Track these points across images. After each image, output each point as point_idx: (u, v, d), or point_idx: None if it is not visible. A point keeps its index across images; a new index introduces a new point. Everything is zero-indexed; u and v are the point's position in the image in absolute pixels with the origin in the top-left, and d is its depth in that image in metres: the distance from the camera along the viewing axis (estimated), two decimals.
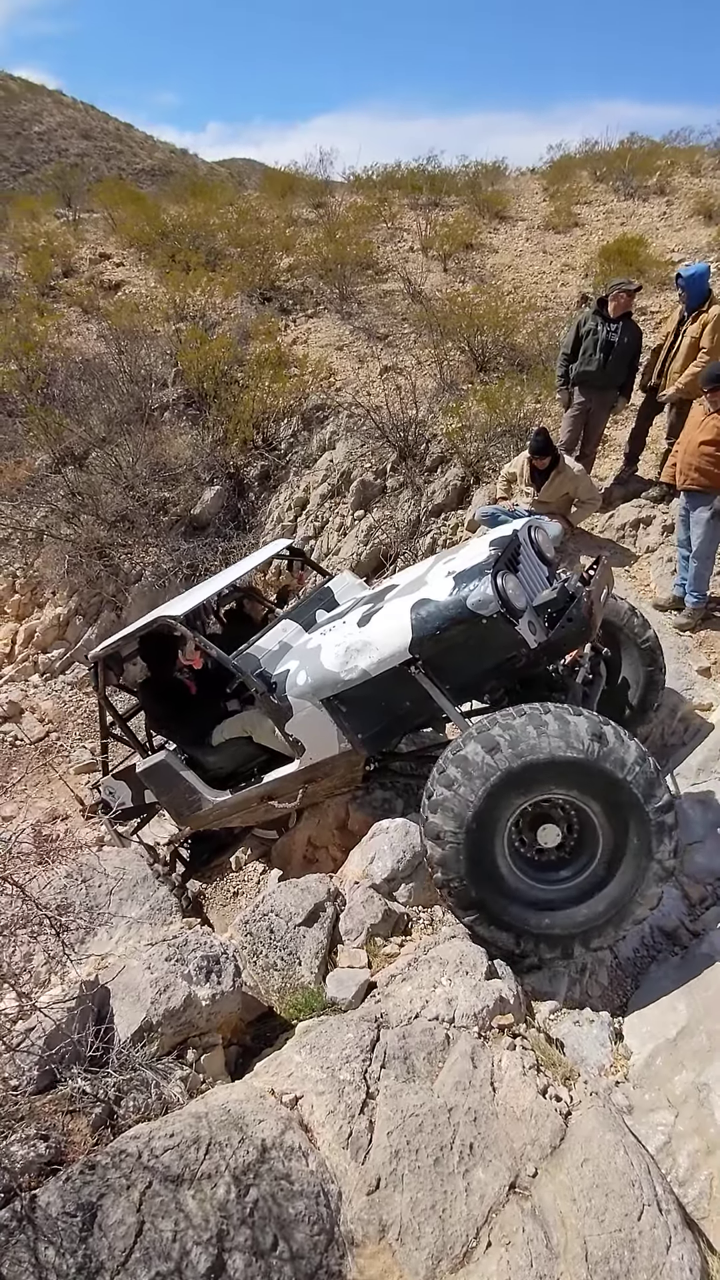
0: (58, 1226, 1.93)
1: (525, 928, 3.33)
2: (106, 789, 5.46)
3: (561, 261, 10.13)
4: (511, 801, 3.21)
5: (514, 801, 3.21)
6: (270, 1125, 2.34)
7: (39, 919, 2.25)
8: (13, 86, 45.79)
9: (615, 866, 3.26)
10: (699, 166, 11.86)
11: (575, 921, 3.32)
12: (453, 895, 3.32)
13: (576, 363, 6.02)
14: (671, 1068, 3.08)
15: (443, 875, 3.29)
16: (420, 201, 12.11)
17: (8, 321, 9.96)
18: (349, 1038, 2.70)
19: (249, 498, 8.33)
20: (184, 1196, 2.08)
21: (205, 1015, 2.82)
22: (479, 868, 3.24)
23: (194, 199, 13.45)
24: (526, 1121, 2.55)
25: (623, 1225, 2.31)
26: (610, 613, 4.34)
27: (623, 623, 4.47)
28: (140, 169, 39.54)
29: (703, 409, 4.91)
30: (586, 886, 3.33)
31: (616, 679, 4.60)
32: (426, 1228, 2.26)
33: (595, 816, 3.23)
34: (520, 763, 3.12)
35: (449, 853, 3.23)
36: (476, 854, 3.22)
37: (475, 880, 3.26)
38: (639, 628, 4.50)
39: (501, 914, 3.32)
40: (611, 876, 3.28)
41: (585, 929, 3.32)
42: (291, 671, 4.07)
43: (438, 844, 3.25)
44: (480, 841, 3.21)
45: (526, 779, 3.15)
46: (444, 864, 3.26)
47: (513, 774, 3.14)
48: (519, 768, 3.12)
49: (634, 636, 4.50)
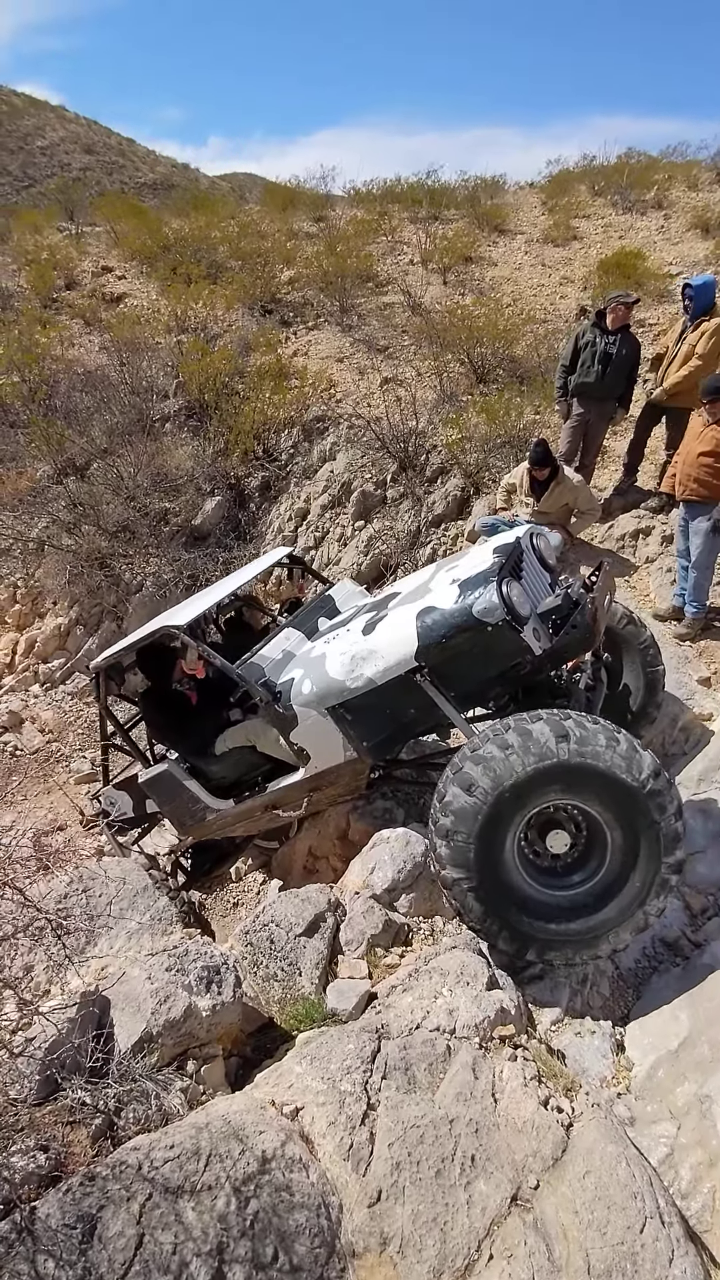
0: (57, 1238, 1.92)
1: (531, 932, 3.32)
2: (107, 799, 5.45)
3: (560, 274, 10.21)
4: (525, 805, 3.19)
5: (527, 806, 3.20)
6: (271, 1137, 2.33)
7: (40, 924, 2.25)
8: (16, 102, 46.24)
9: (624, 874, 3.25)
10: (696, 180, 11.98)
11: (578, 929, 3.31)
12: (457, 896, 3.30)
13: (575, 374, 6.06)
14: (673, 1079, 3.07)
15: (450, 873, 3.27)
16: (420, 215, 12.22)
17: (10, 333, 10.02)
18: (350, 1049, 2.69)
19: (250, 508, 8.36)
20: (184, 1208, 2.07)
21: (205, 1026, 2.81)
22: (489, 864, 3.24)
23: (196, 213, 13.57)
24: (528, 1133, 2.54)
25: (625, 1238, 2.29)
26: (608, 617, 4.36)
27: (620, 627, 4.48)
28: (142, 183, 39.87)
29: (701, 420, 4.93)
30: (593, 894, 3.32)
31: (618, 684, 4.61)
32: (428, 1240, 2.24)
33: (606, 826, 3.23)
34: (541, 766, 3.10)
35: (459, 850, 3.21)
36: (487, 851, 3.21)
37: (485, 880, 3.24)
38: (636, 631, 4.53)
39: (509, 918, 3.31)
40: (619, 884, 3.27)
41: (588, 936, 3.32)
42: (296, 680, 4.07)
43: (448, 841, 3.22)
44: (491, 842, 3.20)
45: (547, 783, 3.14)
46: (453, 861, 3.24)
47: (542, 772, 3.12)
48: (543, 769, 3.10)
49: (632, 640, 4.52)
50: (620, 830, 3.19)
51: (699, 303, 5.61)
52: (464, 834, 3.18)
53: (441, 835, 3.25)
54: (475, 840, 3.18)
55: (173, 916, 3.43)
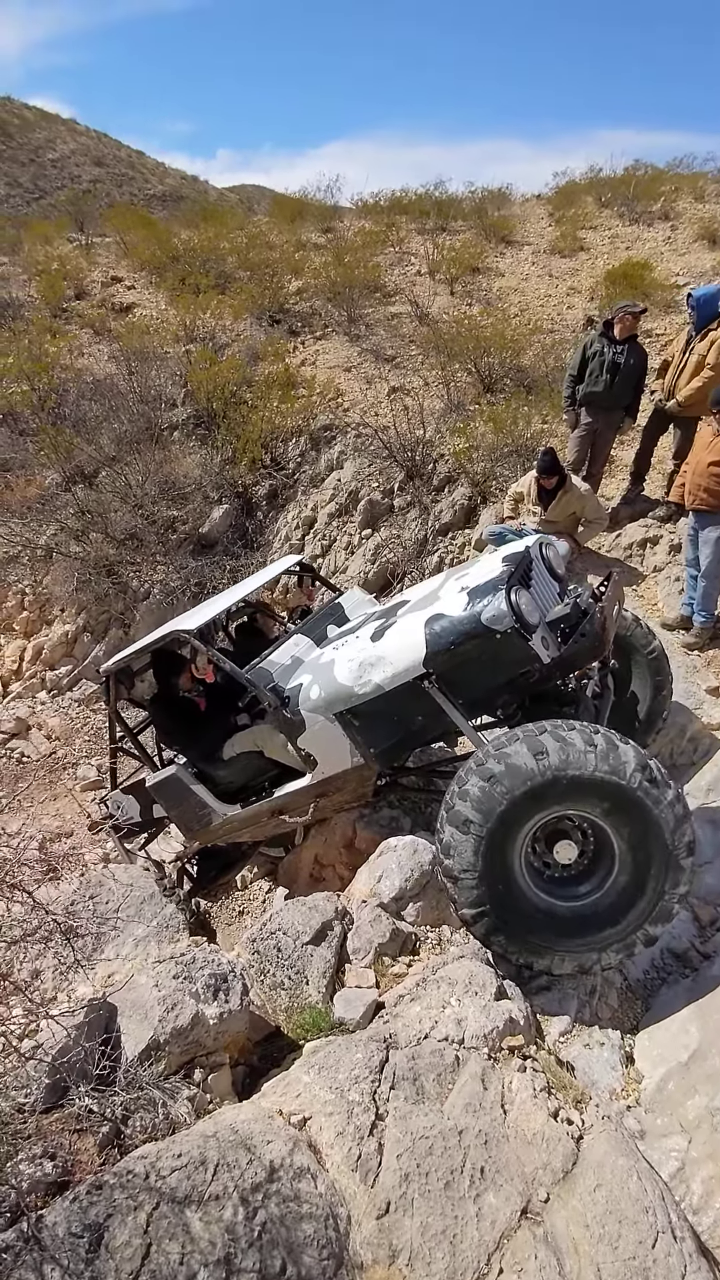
0: (64, 1247, 1.90)
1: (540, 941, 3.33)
2: (114, 803, 5.45)
3: (567, 285, 10.25)
4: (534, 812, 3.21)
5: (536, 813, 3.21)
6: (279, 1146, 2.31)
7: (48, 928, 2.24)
8: (28, 115, 46.71)
9: (631, 889, 3.24)
10: (702, 192, 12.02)
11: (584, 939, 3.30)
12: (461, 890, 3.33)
13: (584, 384, 6.08)
14: (684, 1092, 3.04)
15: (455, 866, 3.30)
16: (427, 226, 12.29)
17: (21, 343, 10.10)
18: (357, 1058, 2.67)
19: (257, 516, 8.38)
20: (191, 1218, 2.05)
21: (213, 1034, 2.80)
22: (495, 868, 3.26)
23: (204, 224, 13.68)
24: (538, 1145, 2.51)
25: (636, 1253, 2.27)
26: (616, 626, 4.35)
27: (629, 634, 4.47)
28: (152, 195, 40.19)
29: (711, 429, 4.93)
30: (600, 905, 3.31)
31: (625, 691, 4.59)
32: (437, 1253, 2.22)
33: (607, 829, 3.22)
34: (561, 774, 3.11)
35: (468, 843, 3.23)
36: (494, 854, 3.24)
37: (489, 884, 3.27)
38: (644, 638, 4.51)
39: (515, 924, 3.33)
40: (627, 899, 3.25)
41: (596, 945, 3.31)
42: (304, 686, 4.07)
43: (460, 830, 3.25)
44: (500, 844, 3.23)
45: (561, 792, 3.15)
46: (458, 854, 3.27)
47: (527, 794, 3.14)
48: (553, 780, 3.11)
49: (640, 647, 4.51)
50: (621, 829, 3.18)
51: (704, 312, 5.61)
52: (470, 876, 3.25)
53: (450, 878, 3.32)
54: (482, 881, 3.24)
55: (180, 924, 3.42)
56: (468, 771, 3.28)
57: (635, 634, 4.49)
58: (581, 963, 3.34)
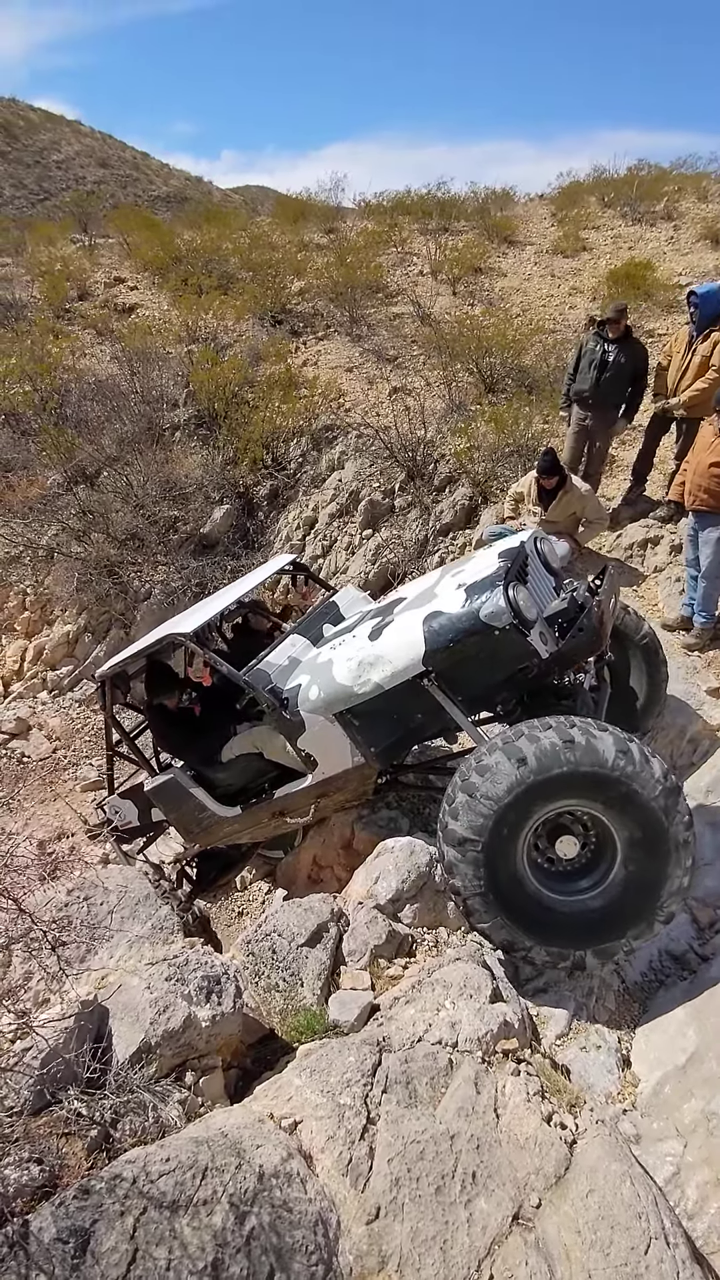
0: (50, 1253, 1.89)
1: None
2: (112, 808, 5.44)
3: (569, 285, 10.22)
4: (526, 816, 3.22)
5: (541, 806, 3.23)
6: (269, 1151, 2.29)
7: (36, 936, 2.23)
8: (32, 117, 46.84)
9: (630, 881, 3.23)
10: (705, 192, 11.99)
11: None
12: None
13: (574, 381, 6.08)
14: (680, 1096, 3.01)
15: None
16: (430, 227, 12.27)
17: (24, 343, 10.13)
18: (350, 1061, 2.65)
19: (258, 517, 8.38)
20: (179, 1224, 2.03)
21: (205, 1037, 2.78)
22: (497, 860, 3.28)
23: (208, 225, 13.69)
24: (531, 1150, 2.49)
25: (629, 1259, 2.24)
26: (613, 620, 4.34)
27: (619, 623, 4.43)
28: (155, 196, 40.27)
29: (712, 429, 4.90)
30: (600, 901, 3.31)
31: (623, 681, 4.58)
32: (427, 1259, 2.20)
33: (614, 831, 3.21)
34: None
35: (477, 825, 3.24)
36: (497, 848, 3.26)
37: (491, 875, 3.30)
38: (635, 625, 4.51)
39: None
40: (626, 892, 3.25)
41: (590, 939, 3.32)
42: (303, 686, 4.06)
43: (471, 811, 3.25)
44: (500, 855, 3.24)
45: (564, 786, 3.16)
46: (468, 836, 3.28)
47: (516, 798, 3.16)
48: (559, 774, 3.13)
49: (631, 634, 4.50)
50: (616, 817, 3.17)
51: (705, 310, 5.58)
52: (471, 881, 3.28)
53: (454, 893, 3.38)
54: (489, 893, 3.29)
55: (174, 925, 3.40)
56: (454, 788, 3.30)
57: (626, 622, 4.49)
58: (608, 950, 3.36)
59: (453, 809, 3.28)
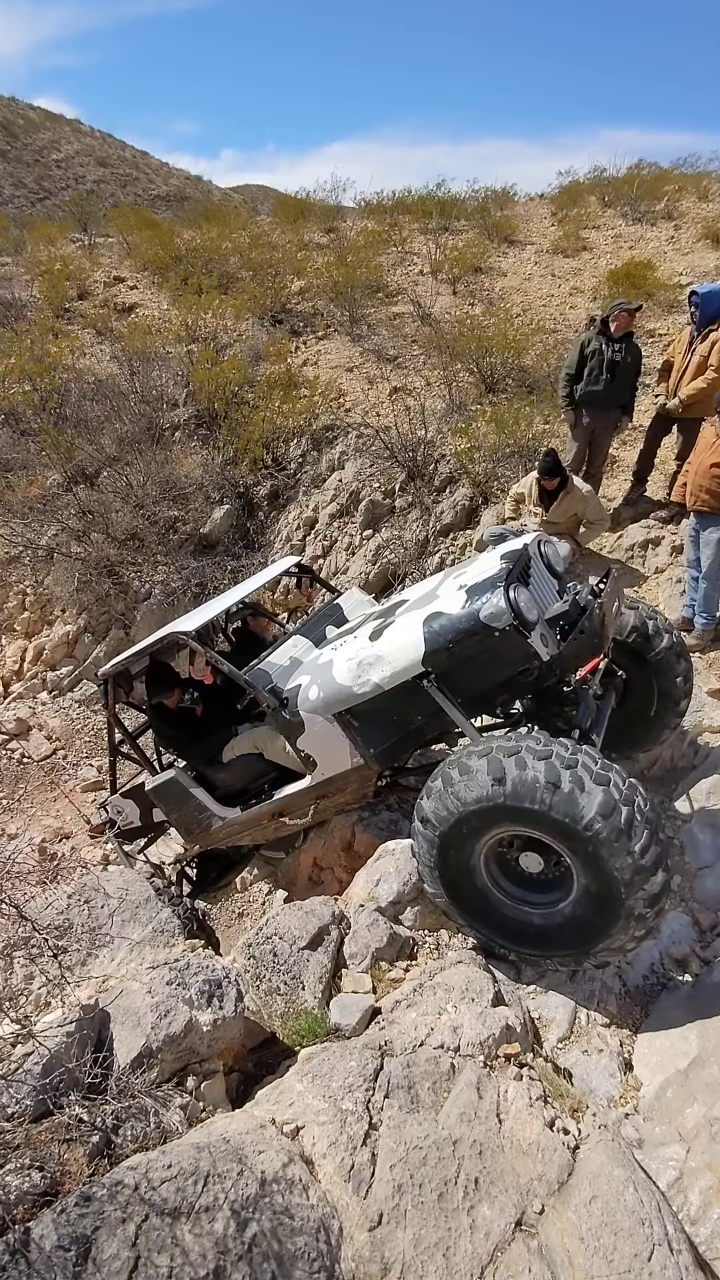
0: (51, 1261, 1.88)
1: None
2: (114, 807, 5.44)
3: (570, 285, 10.20)
4: (488, 828, 3.27)
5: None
6: (271, 1157, 2.28)
7: (37, 942, 2.22)
8: (32, 116, 46.73)
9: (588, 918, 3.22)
10: (706, 191, 11.97)
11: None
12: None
13: (582, 383, 6.03)
14: (683, 1100, 3.00)
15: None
16: (430, 226, 12.25)
17: (23, 343, 10.10)
18: (352, 1066, 2.64)
19: (258, 517, 8.36)
20: (181, 1230, 2.03)
21: (206, 1041, 2.77)
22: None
23: (208, 224, 13.66)
24: (533, 1155, 2.48)
25: (632, 1265, 2.23)
26: (620, 628, 4.27)
27: (630, 640, 4.34)
28: (155, 195, 40.20)
29: (713, 430, 4.89)
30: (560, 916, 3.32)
31: (633, 693, 4.48)
32: (430, 1266, 2.19)
33: (575, 872, 3.18)
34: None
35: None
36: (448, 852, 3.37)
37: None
38: (651, 640, 4.32)
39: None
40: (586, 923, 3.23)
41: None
42: (303, 686, 4.05)
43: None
44: (456, 847, 3.34)
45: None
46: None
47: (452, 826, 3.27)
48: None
49: (643, 652, 4.35)
50: (579, 865, 3.12)
51: (706, 310, 5.57)
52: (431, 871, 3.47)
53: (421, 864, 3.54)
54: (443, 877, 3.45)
55: (175, 929, 3.39)
56: (439, 772, 3.34)
57: (641, 634, 4.33)
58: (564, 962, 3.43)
59: (428, 790, 3.35)
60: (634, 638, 4.32)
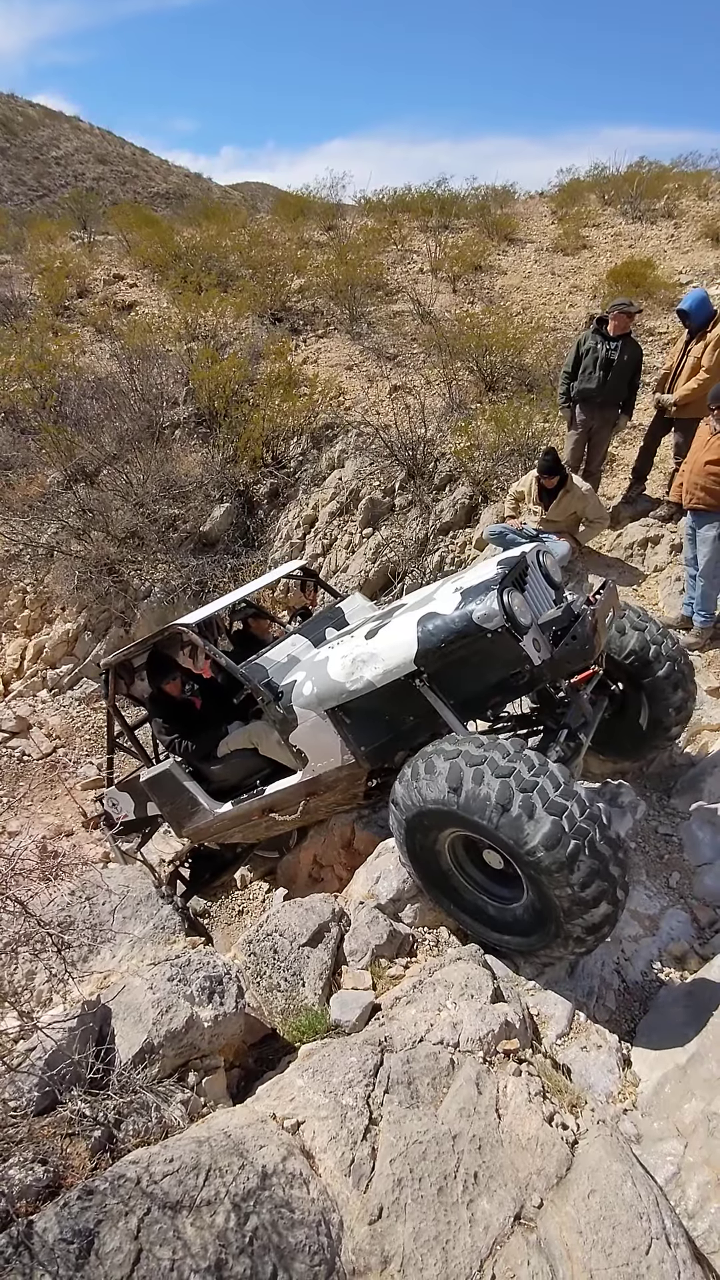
0: (54, 1254, 1.90)
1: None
2: (110, 800, 5.47)
3: (570, 283, 10.21)
4: (443, 827, 3.34)
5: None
6: (271, 1151, 2.30)
7: (41, 937, 2.23)
8: (32, 113, 46.67)
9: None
10: (706, 190, 11.98)
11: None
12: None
13: (577, 381, 6.08)
14: (681, 1096, 3.02)
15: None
16: (430, 224, 12.27)
17: (23, 341, 10.11)
18: (352, 1061, 2.66)
19: (258, 515, 8.38)
20: (183, 1224, 2.04)
21: (207, 1037, 2.79)
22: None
23: (207, 222, 13.67)
24: (532, 1150, 2.50)
25: (630, 1259, 2.25)
26: (619, 649, 4.24)
27: (628, 661, 4.26)
28: (155, 193, 40.16)
29: (709, 428, 4.91)
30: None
31: (631, 704, 4.45)
32: (429, 1260, 2.21)
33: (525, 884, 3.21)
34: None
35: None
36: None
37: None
38: (649, 666, 4.23)
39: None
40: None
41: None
42: (298, 682, 4.08)
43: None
44: (420, 833, 3.43)
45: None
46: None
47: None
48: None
49: (638, 676, 4.27)
50: (527, 878, 3.14)
51: (695, 320, 5.66)
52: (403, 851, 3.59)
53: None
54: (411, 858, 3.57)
55: (176, 925, 3.41)
56: (413, 761, 3.37)
57: (642, 659, 4.25)
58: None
59: (401, 774, 3.40)
60: (631, 660, 4.24)
